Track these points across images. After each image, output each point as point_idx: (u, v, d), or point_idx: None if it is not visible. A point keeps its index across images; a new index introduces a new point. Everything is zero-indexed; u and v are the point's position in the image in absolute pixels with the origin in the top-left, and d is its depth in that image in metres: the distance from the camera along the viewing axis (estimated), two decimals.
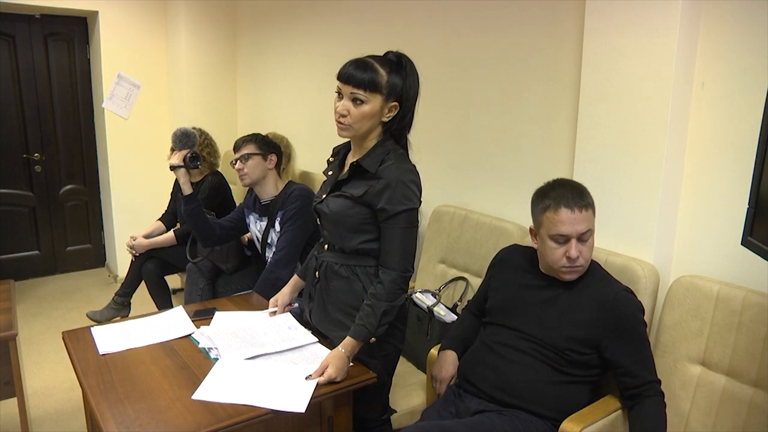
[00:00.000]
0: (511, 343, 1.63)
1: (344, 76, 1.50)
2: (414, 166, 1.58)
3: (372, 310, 1.52)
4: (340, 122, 1.53)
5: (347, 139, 1.66)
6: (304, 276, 1.87)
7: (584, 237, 1.53)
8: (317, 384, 1.46)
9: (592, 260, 1.65)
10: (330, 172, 1.71)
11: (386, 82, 1.50)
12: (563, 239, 1.53)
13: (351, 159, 1.63)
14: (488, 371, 1.63)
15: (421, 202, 1.57)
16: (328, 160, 1.76)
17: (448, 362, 1.78)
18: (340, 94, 1.53)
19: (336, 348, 1.53)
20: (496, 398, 1.60)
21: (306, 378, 1.48)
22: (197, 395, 1.41)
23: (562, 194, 1.54)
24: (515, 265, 1.73)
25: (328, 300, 1.67)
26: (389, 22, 2.78)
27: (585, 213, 1.52)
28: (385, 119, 1.55)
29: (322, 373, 1.48)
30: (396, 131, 1.58)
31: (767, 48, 1.50)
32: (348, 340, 1.52)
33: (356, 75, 1.48)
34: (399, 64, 1.55)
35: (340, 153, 1.72)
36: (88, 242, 4.64)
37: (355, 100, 1.50)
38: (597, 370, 1.57)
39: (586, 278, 1.60)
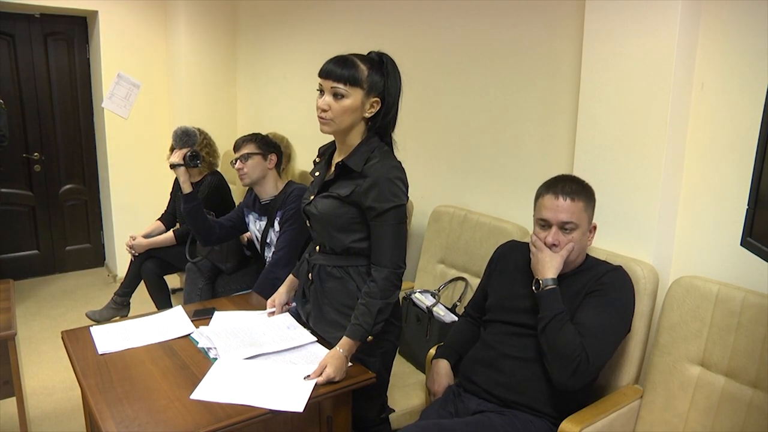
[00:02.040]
0: (510, 341, 1.63)
1: (324, 72, 1.52)
2: (399, 162, 1.58)
3: (367, 309, 1.52)
4: (321, 117, 1.54)
5: (333, 139, 1.66)
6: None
7: (566, 227, 1.56)
8: (316, 384, 1.45)
9: (588, 255, 1.65)
10: (317, 173, 1.71)
11: (366, 77, 1.51)
12: (545, 224, 1.59)
13: (337, 158, 1.63)
14: (489, 369, 1.63)
15: (408, 198, 1.57)
16: (314, 161, 1.76)
17: (441, 375, 1.78)
18: (321, 92, 1.54)
19: (334, 348, 1.53)
20: (497, 396, 1.60)
21: (304, 378, 1.48)
22: (196, 395, 1.41)
23: (555, 183, 1.60)
24: (513, 261, 1.73)
25: (323, 301, 1.67)
26: (389, 21, 2.78)
27: (571, 203, 1.55)
28: (367, 114, 1.55)
29: (321, 373, 1.47)
30: (380, 129, 1.59)
31: (767, 48, 1.50)
32: (345, 340, 1.52)
33: (336, 70, 1.50)
34: (380, 63, 1.55)
35: (326, 153, 1.72)
36: (88, 242, 4.64)
37: (336, 95, 1.51)
38: None
39: (582, 270, 1.61)
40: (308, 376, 1.48)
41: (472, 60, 2.36)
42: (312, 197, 1.66)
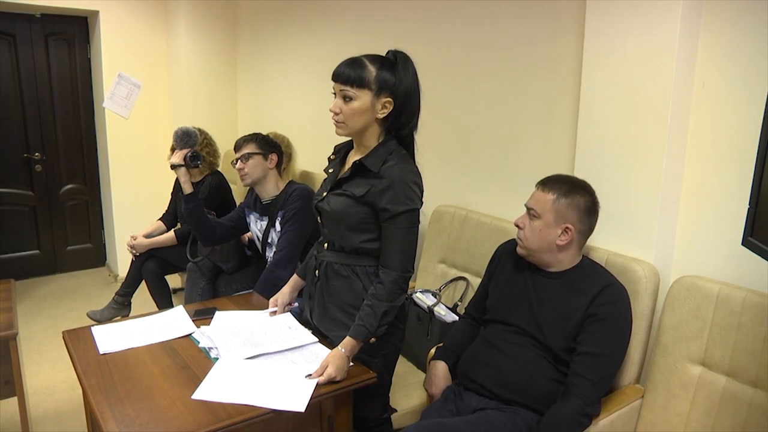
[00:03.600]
0: (510, 340, 1.63)
1: (334, 75, 1.53)
2: (417, 167, 1.58)
3: (372, 311, 1.52)
4: (334, 120, 1.55)
5: (348, 138, 1.66)
6: (303, 275, 1.87)
7: (531, 213, 1.63)
8: (317, 384, 1.46)
9: (585, 257, 1.66)
10: (331, 170, 1.71)
11: (374, 78, 1.50)
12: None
13: (353, 158, 1.63)
14: (489, 368, 1.63)
15: (422, 203, 1.57)
16: (329, 158, 1.76)
17: (438, 377, 1.78)
18: (336, 95, 1.54)
19: (336, 348, 1.53)
20: (498, 394, 1.60)
21: (306, 377, 1.48)
22: (197, 395, 1.41)
23: (547, 177, 1.67)
24: (514, 260, 1.73)
25: (328, 299, 1.67)
26: (389, 21, 2.78)
27: (540, 192, 1.63)
28: (380, 116, 1.55)
29: (322, 373, 1.48)
30: (398, 130, 1.58)
31: (767, 48, 1.50)
32: (348, 340, 1.52)
33: (344, 72, 1.51)
34: (393, 61, 1.55)
35: (341, 151, 1.72)
36: (89, 242, 4.64)
37: (345, 97, 1.52)
38: None
39: (581, 273, 1.61)
40: (310, 375, 1.48)
41: (472, 59, 2.36)
42: (325, 194, 1.66)
